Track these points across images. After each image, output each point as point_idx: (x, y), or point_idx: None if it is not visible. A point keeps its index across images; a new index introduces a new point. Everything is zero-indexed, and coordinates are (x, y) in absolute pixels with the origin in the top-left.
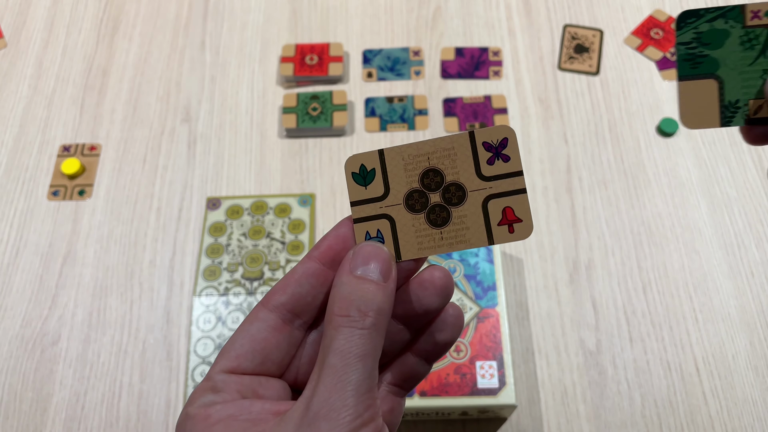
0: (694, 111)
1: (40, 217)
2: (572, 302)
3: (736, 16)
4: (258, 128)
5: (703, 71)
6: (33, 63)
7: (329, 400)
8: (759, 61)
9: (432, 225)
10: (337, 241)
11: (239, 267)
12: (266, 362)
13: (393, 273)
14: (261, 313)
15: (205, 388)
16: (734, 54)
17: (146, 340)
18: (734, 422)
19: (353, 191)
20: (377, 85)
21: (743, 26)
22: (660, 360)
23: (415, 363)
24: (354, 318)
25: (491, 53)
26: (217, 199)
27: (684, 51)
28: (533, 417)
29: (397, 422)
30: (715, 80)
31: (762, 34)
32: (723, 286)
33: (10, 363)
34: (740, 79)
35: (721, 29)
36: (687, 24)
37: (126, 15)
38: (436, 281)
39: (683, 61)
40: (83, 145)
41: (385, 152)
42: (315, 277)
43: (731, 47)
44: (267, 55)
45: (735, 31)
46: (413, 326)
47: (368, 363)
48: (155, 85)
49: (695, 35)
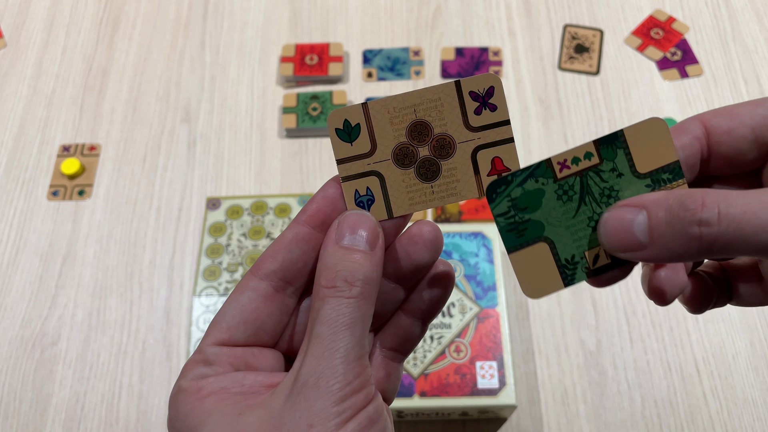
0: (535, 280)
1: (40, 217)
2: (572, 302)
3: (544, 173)
4: (258, 128)
5: (529, 237)
6: (33, 63)
7: (318, 368)
8: (581, 210)
9: (422, 179)
10: (326, 202)
11: (239, 267)
12: (259, 332)
13: (380, 240)
14: (251, 281)
15: (197, 360)
16: (555, 210)
17: (146, 341)
18: (734, 422)
19: (338, 148)
20: (377, 85)
21: (555, 180)
22: (660, 360)
23: (410, 324)
24: (341, 288)
25: (491, 53)
26: (216, 199)
27: (504, 222)
28: (533, 417)
29: (394, 389)
30: (545, 242)
31: (575, 182)
32: None
33: (10, 363)
34: (569, 233)
35: (534, 190)
36: (498, 194)
37: (126, 15)
38: (425, 234)
39: (506, 233)
40: (83, 145)
41: (369, 105)
42: (305, 242)
43: (550, 205)
44: (267, 55)
45: (548, 187)
46: (405, 284)
47: (357, 331)
48: (155, 85)
49: (510, 203)
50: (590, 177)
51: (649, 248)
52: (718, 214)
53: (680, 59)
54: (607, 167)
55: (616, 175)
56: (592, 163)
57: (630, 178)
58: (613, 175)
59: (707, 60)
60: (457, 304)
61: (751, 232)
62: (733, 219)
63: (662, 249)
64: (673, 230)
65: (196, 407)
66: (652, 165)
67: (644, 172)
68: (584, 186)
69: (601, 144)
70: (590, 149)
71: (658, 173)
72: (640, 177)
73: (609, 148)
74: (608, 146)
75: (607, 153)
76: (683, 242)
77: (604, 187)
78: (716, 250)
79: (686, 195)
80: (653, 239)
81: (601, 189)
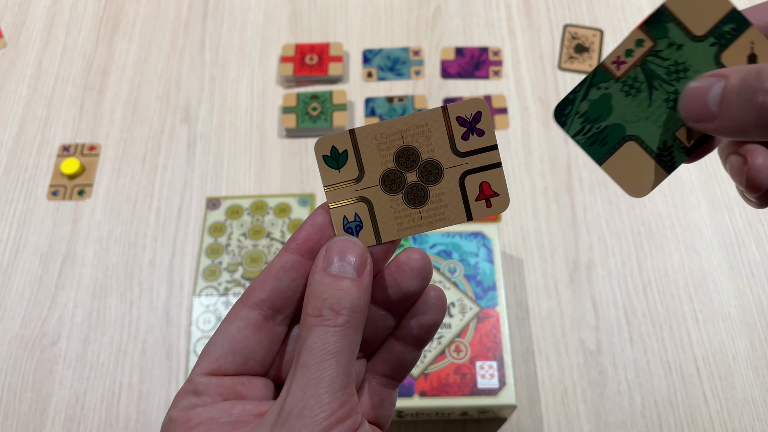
0: (635, 179)
1: (40, 217)
2: (572, 302)
3: (603, 77)
4: (258, 128)
5: (614, 142)
6: (32, 63)
7: (303, 398)
8: (655, 96)
9: (410, 205)
10: (314, 230)
11: (239, 267)
12: (248, 362)
13: (368, 266)
14: (241, 311)
15: (186, 390)
16: (629, 107)
17: (146, 341)
18: (734, 422)
19: (326, 175)
20: (377, 85)
21: (616, 80)
22: (660, 360)
23: (402, 350)
24: (327, 317)
25: (491, 53)
26: (216, 199)
27: (583, 139)
28: (533, 417)
29: (389, 415)
30: (632, 141)
31: (638, 73)
32: (723, 286)
33: (10, 363)
34: (652, 123)
35: (600, 97)
36: (566, 116)
37: (126, 15)
38: (413, 263)
39: (590, 147)
40: (83, 145)
41: (357, 132)
42: (294, 270)
43: (621, 104)
44: (267, 55)
45: (612, 88)
46: (395, 311)
47: (342, 360)
48: (155, 85)
49: (581, 119)
50: (650, 62)
51: (718, 119)
52: None
53: None
54: (663, 45)
55: (675, 49)
56: (646, 49)
57: (691, 45)
58: (673, 50)
59: None
60: (457, 304)
61: None
62: None
63: (728, 120)
64: (741, 99)
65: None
66: (709, 23)
67: (703, 33)
68: (648, 72)
69: (648, 25)
70: (639, 36)
71: (718, 28)
72: (702, 39)
73: (658, 27)
74: (656, 25)
75: (657, 31)
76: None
77: (669, 65)
78: None
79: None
80: (722, 109)
81: (666, 68)
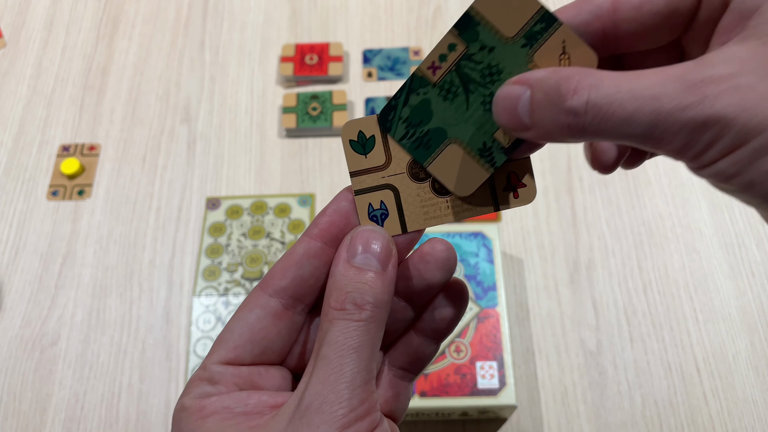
0: (460, 178)
1: (40, 217)
2: (572, 302)
3: (421, 82)
4: (258, 128)
5: (437, 144)
6: (32, 63)
7: (322, 393)
8: (471, 99)
9: (437, 193)
10: (339, 216)
11: (239, 267)
12: (266, 351)
13: (393, 259)
14: (261, 298)
15: (201, 377)
16: (447, 111)
17: (146, 341)
18: (735, 422)
19: (352, 160)
20: (377, 85)
21: (433, 85)
22: (660, 360)
23: (421, 343)
24: (350, 311)
25: None
26: (216, 199)
27: (409, 143)
28: (533, 417)
29: (404, 408)
30: (454, 143)
31: (453, 77)
32: (723, 287)
33: (10, 363)
34: (471, 125)
35: (419, 102)
36: (390, 122)
37: (126, 15)
38: (437, 254)
39: (415, 151)
40: (83, 145)
41: None
42: (317, 258)
43: (440, 108)
44: (267, 55)
45: (430, 93)
46: (416, 303)
47: (364, 355)
48: (155, 85)
49: (405, 124)
50: (464, 66)
51: (533, 129)
52: (586, 104)
53: None
54: (475, 48)
55: (487, 52)
56: (459, 53)
57: (502, 48)
58: (485, 53)
59: None
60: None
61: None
62: (600, 109)
63: (542, 132)
64: (549, 114)
65: (199, 426)
66: (519, 23)
67: (513, 35)
68: (463, 76)
69: (459, 29)
70: (451, 40)
71: (528, 29)
72: (513, 42)
73: (468, 30)
74: (466, 28)
75: (468, 35)
76: (557, 128)
77: (482, 68)
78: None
79: (564, 78)
80: (534, 121)
81: (480, 71)
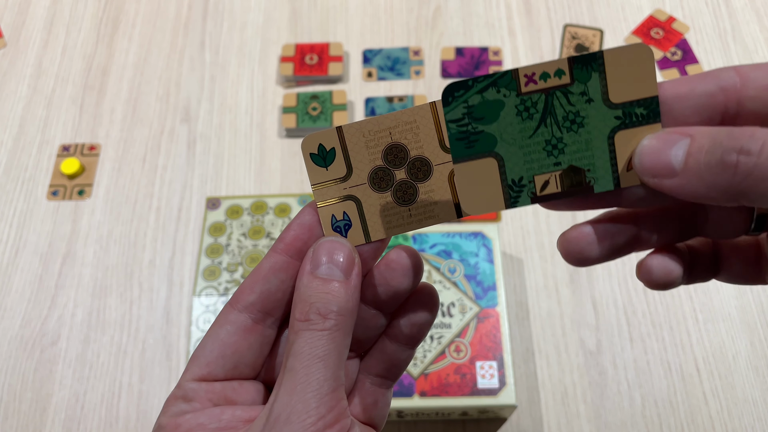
0: (476, 195)
1: (40, 217)
2: (572, 302)
3: (508, 84)
4: (258, 128)
5: (479, 150)
6: (32, 63)
7: (290, 403)
8: (540, 131)
9: (399, 202)
10: (303, 229)
11: (239, 267)
12: (238, 366)
13: (356, 267)
14: (230, 314)
15: (176, 396)
16: (512, 126)
17: (146, 341)
18: (734, 422)
19: (313, 173)
20: (377, 85)
21: (518, 94)
22: (660, 360)
23: (395, 349)
24: (314, 321)
25: (491, 53)
26: (216, 199)
27: (455, 129)
28: (533, 417)
29: (383, 415)
30: (494, 158)
31: (539, 100)
32: (723, 286)
33: (10, 363)
34: (521, 154)
35: (493, 100)
36: (455, 98)
37: (126, 15)
38: (402, 261)
39: (456, 141)
40: (83, 145)
41: (344, 129)
42: (283, 271)
43: (507, 119)
44: (267, 55)
45: (509, 100)
46: (387, 310)
47: (330, 363)
48: (155, 85)
49: (466, 110)
50: (557, 97)
51: (680, 175)
52: (762, 146)
53: (680, 59)
54: (578, 90)
55: (585, 100)
56: (561, 82)
57: (599, 106)
58: (582, 100)
59: (707, 60)
60: (457, 304)
61: None
62: None
63: (693, 177)
64: (710, 157)
65: None
66: (628, 96)
67: (617, 102)
68: (548, 105)
69: (576, 63)
70: (563, 66)
71: (632, 106)
72: (611, 107)
73: (584, 69)
74: (583, 66)
75: (581, 74)
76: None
77: (570, 111)
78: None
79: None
80: (688, 166)
81: (565, 112)
